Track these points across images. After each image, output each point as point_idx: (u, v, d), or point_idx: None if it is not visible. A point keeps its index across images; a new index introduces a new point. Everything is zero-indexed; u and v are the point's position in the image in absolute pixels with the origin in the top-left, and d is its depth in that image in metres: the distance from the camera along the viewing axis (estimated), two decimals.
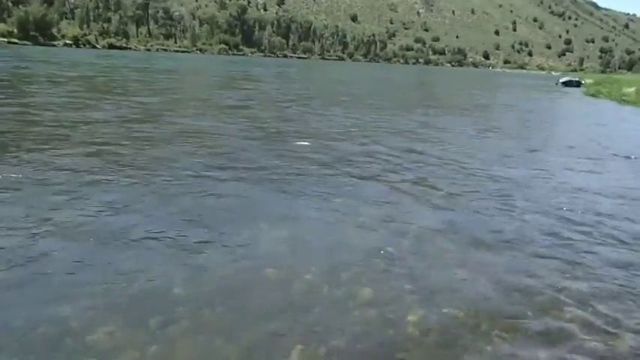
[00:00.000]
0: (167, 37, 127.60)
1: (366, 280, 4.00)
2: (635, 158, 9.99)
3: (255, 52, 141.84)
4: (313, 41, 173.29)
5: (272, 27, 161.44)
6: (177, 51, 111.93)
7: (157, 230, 4.67)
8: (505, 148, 10.38)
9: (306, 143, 9.30)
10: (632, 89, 30.19)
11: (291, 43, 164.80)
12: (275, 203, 5.73)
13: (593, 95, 33.65)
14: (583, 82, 50.37)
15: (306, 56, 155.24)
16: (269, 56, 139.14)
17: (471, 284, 4.05)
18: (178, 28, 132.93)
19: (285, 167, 7.40)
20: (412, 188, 6.70)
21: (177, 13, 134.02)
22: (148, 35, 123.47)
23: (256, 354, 3.09)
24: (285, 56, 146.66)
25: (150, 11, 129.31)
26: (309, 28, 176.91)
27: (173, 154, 7.83)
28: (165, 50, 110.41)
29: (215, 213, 5.27)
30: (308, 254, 4.43)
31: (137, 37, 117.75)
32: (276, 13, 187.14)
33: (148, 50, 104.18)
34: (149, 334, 3.18)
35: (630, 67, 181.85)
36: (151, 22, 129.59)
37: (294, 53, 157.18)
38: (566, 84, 50.10)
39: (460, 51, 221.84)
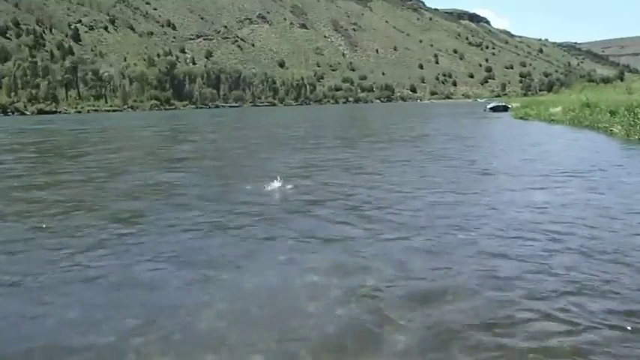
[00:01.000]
0: (97, 97, 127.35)
1: None
2: (579, 173, 10.23)
3: (187, 104, 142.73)
4: (244, 89, 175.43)
5: (202, 79, 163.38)
6: (108, 110, 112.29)
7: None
8: (458, 174, 10.52)
9: (269, 186, 9.18)
10: (558, 109, 30.48)
11: (222, 93, 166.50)
12: (225, 258, 5.36)
13: (522, 118, 34.02)
14: (510, 106, 50.64)
15: (237, 105, 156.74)
16: (201, 108, 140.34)
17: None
18: (108, 88, 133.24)
19: (241, 215, 7.21)
20: (369, 225, 6.51)
21: (106, 74, 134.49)
22: (77, 97, 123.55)
23: None
24: (217, 106, 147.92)
25: (79, 74, 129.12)
26: (239, 77, 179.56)
27: (138, 207, 8.04)
28: (97, 111, 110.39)
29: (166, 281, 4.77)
30: (254, 328, 3.83)
31: (67, 100, 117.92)
32: (205, 66, 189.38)
33: (79, 112, 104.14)
34: None
35: (550, 88, 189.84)
36: (81, 85, 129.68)
37: (226, 103, 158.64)
38: (494, 109, 50.27)
39: (387, 87, 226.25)
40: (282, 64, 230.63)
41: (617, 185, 8.99)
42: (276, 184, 9.16)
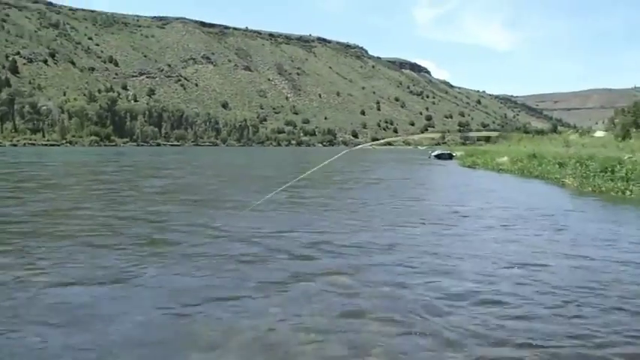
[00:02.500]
0: (34, 131, 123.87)
1: None
2: (539, 217, 10.67)
3: (127, 141, 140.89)
4: (186, 128, 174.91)
5: (144, 117, 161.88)
6: (45, 144, 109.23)
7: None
8: (412, 221, 10.10)
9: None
10: (504, 159, 30.67)
11: (164, 131, 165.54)
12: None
13: (469, 166, 33.81)
14: (455, 154, 50.41)
15: (179, 143, 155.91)
16: (142, 145, 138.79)
17: None
18: (46, 122, 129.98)
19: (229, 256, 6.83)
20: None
21: (44, 107, 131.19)
22: (14, 130, 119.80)
23: None
24: (158, 144, 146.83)
25: (15, 106, 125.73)
26: (181, 116, 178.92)
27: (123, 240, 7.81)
28: (33, 144, 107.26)
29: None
30: None
31: (2, 132, 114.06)
32: (147, 103, 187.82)
33: (14, 145, 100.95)
34: None
35: (487, 138, 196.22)
36: (17, 118, 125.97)
37: (168, 141, 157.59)
38: (439, 157, 49.97)
39: (330, 131, 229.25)
40: (225, 105, 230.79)
41: (580, 226, 9.64)
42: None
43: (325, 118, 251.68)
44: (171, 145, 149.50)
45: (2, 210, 11.25)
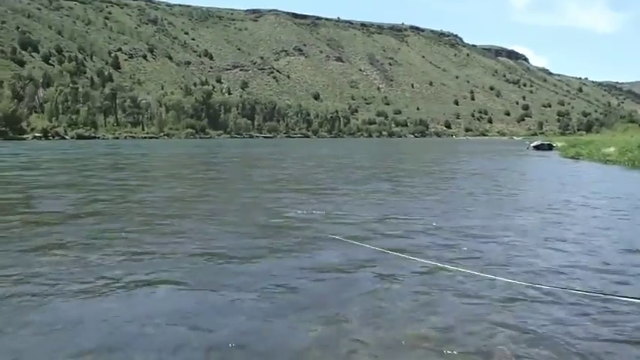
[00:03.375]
0: (134, 124, 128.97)
1: None
2: None
3: (221, 134, 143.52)
4: (278, 120, 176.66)
5: (237, 109, 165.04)
6: (144, 137, 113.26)
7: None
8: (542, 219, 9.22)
9: None
10: (611, 149, 29.09)
11: (256, 123, 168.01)
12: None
13: (573, 158, 32.08)
14: (555, 144, 49.12)
15: (271, 135, 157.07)
16: (235, 137, 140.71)
17: None
18: (145, 116, 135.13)
19: None
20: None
21: (144, 101, 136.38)
22: (115, 124, 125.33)
23: None
24: (251, 136, 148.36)
25: (117, 101, 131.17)
26: (274, 108, 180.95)
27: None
28: (133, 137, 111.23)
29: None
30: None
31: (105, 126, 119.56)
32: (241, 96, 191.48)
33: (117, 138, 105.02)
34: None
35: (588, 127, 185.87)
36: (119, 111, 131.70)
37: (260, 133, 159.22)
38: (538, 147, 48.74)
39: (422, 122, 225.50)
40: (316, 97, 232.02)
41: None
42: None
43: (417, 109, 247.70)
44: (264, 137, 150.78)
45: (139, 196, 12.54)
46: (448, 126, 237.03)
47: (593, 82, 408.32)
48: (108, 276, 5.36)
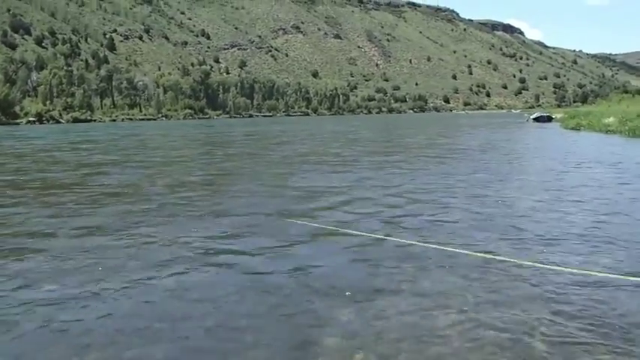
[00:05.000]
0: (131, 106, 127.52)
1: None
2: None
3: (220, 114, 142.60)
4: (277, 99, 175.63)
5: (236, 89, 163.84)
6: (142, 119, 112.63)
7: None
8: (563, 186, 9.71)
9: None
10: (611, 119, 29.83)
11: (255, 102, 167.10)
12: None
13: (574, 129, 32.68)
14: (554, 116, 49.78)
15: (271, 114, 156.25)
16: (235, 117, 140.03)
17: None
18: (142, 97, 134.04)
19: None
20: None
21: (140, 83, 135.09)
22: (112, 106, 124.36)
23: None
24: (250, 116, 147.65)
25: (113, 83, 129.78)
26: (273, 86, 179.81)
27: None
28: (131, 119, 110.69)
29: None
30: None
31: (101, 108, 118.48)
32: (239, 75, 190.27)
33: (114, 121, 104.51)
34: None
35: (584, 99, 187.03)
36: (115, 93, 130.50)
37: (260, 112, 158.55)
38: (538, 119, 49.18)
39: (421, 97, 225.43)
40: (315, 74, 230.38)
41: None
42: None
43: (416, 84, 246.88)
44: (263, 116, 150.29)
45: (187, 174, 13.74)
46: (447, 101, 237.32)
47: (587, 54, 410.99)
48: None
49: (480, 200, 8.42)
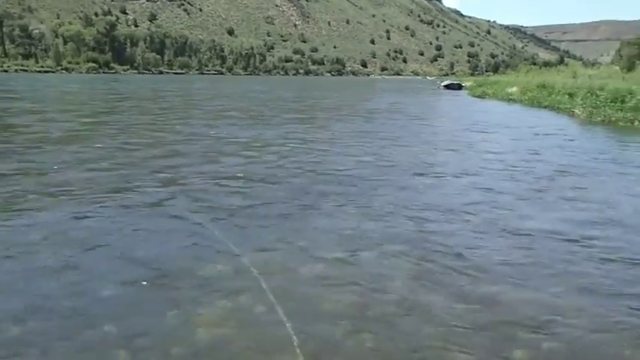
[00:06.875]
0: (26, 56, 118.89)
1: None
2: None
3: (128, 69, 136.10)
4: (190, 56, 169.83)
5: (145, 43, 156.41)
6: (39, 71, 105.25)
7: None
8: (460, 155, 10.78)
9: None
10: (514, 89, 31.92)
11: (166, 58, 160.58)
12: None
13: (479, 97, 35.05)
14: (464, 84, 52.36)
15: (183, 72, 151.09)
16: (144, 73, 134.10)
17: None
18: (39, 47, 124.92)
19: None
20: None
21: (36, 31, 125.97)
22: (3, 55, 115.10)
23: None
24: (161, 72, 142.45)
25: (4, 29, 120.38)
26: (185, 43, 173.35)
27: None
28: (26, 71, 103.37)
29: None
30: None
31: None
32: (149, 29, 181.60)
33: (5, 71, 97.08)
34: None
35: (495, 69, 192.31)
36: (7, 42, 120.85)
37: (171, 69, 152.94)
38: (448, 87, 51.88)
39: (339, 60, 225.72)
40: (230, 32, 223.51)
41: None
42: None
43: (334, 47, 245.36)
44: (175, 73, 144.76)
45: None
46: (364, 65, 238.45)
47: (500, 25, 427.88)
48: None
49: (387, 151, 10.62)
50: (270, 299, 3.59)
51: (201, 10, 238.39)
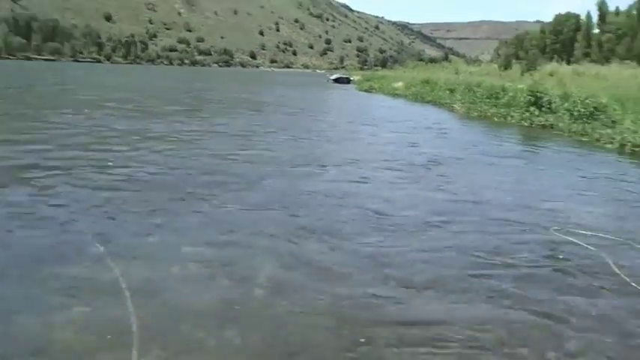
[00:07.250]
0: None
1: None
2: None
3: None
4: (62, 42, 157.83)
5: (8, 26, 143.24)
6: None
7: None
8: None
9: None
10: (400, 84, 33.28)
11: (34, 43, 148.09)
12: None
13: (366, 91, 36.25)
14: (352, 78, 53.51)
15: (54, 58, 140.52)
16: (8, 58, 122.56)
17: None
18: None
19: None
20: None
21: None
22: None
23: None
24: (28, 58, 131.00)
25: None
26: (55, 27, 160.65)
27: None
28: None
29: None
30: None
31: None
32: (12, 10, 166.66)
33: None
34: None
35: (384, 64, 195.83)
36: None
37: (40, 55, 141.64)
38: (337, 81, 53.10)
39: (227, 51, 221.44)
40: (108, 18, 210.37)
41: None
42: None
43: (222, 38, 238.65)
44: (45, 59, 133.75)
45: None
46: (253, 57, 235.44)
47: (388, 21, 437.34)
48: None
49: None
50: (127, 299, 3.46)
51: None
